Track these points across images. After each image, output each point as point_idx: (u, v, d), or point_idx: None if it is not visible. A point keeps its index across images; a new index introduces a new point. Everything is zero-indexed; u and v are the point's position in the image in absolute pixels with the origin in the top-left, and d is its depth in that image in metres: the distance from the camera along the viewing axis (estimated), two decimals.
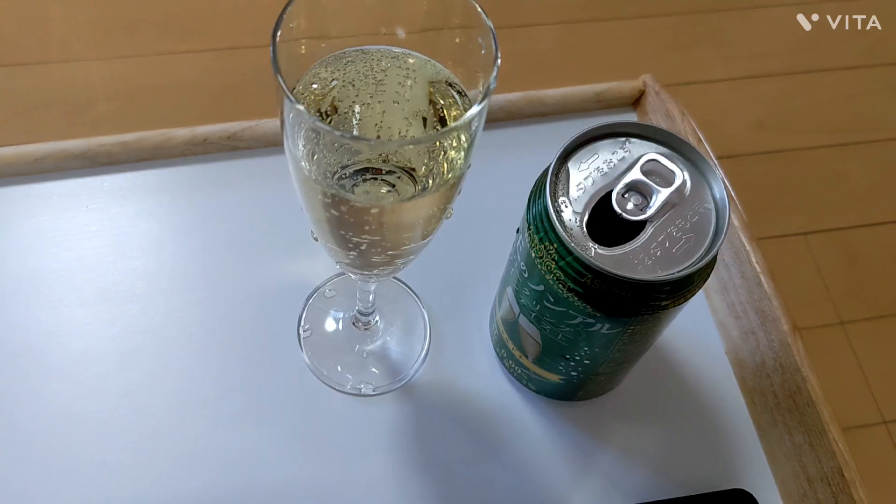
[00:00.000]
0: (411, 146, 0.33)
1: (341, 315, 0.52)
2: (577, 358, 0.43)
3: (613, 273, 0.35)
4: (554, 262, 0.37)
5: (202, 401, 0.49)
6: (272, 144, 0.57)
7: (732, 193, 0.50)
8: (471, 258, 0.54)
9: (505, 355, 0.49)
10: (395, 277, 0.53)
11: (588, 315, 0.38)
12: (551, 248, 0.37)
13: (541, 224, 0.38)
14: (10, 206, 0.54)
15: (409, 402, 0.50)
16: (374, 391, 0.50)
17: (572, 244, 0.36)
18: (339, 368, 0.50)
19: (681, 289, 0.37)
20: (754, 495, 0.47)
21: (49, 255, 0.53)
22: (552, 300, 0.39)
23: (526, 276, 0.40)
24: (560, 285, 0.38)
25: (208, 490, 0.46)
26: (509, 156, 0.55)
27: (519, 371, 0.49)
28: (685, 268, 0.36)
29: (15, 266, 0.52)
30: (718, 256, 0.54)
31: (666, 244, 0.37)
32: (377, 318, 0.51)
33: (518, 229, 0.42)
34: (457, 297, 0.53)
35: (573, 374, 0.45)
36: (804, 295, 1.21)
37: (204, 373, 0.50)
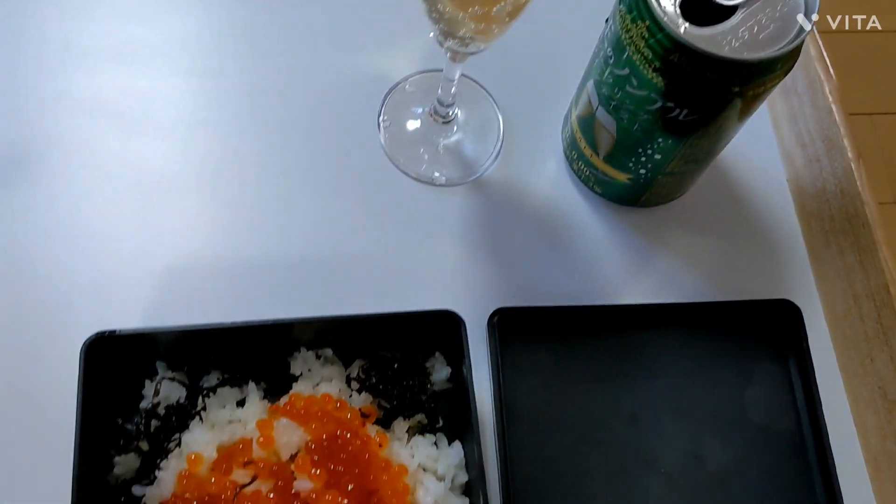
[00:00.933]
0: None
1: (420, 110, 0.55)
2: (649, 152, 0.45)
3: (700, 49, 0.37)
4: (643, 41, 0.39)
5: (283, 170, 0.52)
6: None
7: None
8: (546, 70, 0.56)
9: (575, 157, 0.51)
10: (473, 80, 0.55)
11: (668, 98, 0.40)
12: (643, 25, 0.39)
13: (635, 3, 0.39)
14: None
15: (479, 195, 0.52)
16: (446, 181, 0.52)
17: (665, 19, 0.37)
18: (414, 157, 0.53)
19: (761, 75, 0.39)
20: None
21: (145, 28, 0.55)
22: (635, 83, 0.41)
23: (612, 62, 0.42)
24: (646, 65, 0.39)
25: (284, 252, 0.49)
26: None
27: (588, 172, 0.51)
28: (770, 51, 0.37)
29: (113, 35, 0.55)
30: (792, 85, 0.54)
31: (754, 29, 0.38)
32: (456, 110, 0.53)
33: (607, 19, 0.43)
34: (531, 104, 0.55)
35: (642, 171, 0.47)
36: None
37: (287, 146, 0.52)
